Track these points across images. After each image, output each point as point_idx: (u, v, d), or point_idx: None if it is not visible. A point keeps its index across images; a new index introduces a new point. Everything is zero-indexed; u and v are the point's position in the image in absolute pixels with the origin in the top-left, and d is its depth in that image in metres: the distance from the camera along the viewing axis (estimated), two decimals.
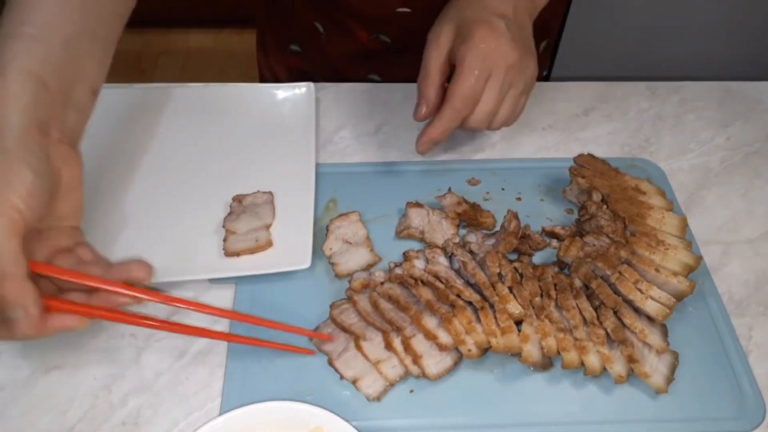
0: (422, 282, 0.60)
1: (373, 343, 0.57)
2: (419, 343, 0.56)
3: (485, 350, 0.57)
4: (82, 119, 0.52)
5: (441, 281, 0.60)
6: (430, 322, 0.57)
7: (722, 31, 1.76)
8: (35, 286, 0.44)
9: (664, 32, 1.77)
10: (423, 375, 0.56)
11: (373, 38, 0.85)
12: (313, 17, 0.87)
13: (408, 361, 0.56)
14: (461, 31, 0.61)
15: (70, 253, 0.49)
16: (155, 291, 0.51)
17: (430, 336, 0.56)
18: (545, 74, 1.04)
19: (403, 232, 0.66)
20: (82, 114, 0.52)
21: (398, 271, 0.61)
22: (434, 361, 0.56)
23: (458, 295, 0.58)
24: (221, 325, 0.60)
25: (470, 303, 0.58)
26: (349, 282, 0.62)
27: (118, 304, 0.48)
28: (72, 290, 0.48)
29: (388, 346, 0.57)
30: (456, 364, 0.57)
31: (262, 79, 1.02)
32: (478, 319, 0.57)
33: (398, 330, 0.57)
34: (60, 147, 0.48)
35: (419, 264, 0.62)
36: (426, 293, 0.59)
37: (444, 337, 0.56)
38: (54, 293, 0.48)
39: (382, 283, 0.60)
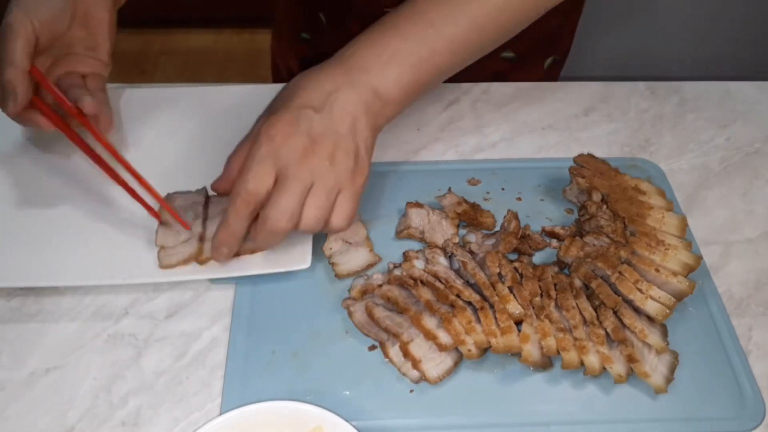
0: (422, 282, 0.60)
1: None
2: (418, 347, 0.56)
3: (485, 350, 0.57)
4: None
5: (441, 281, 0.60)
6: (430, 322, 0.57)
7: (722, 31, 1.77)
8: (30, 82, 0.59)
9: (664, 32, 1.77)
10: (424, 378, 0.56)
11: None
12: (317, 7, 0.87)
13: (406, 367, 0.56)
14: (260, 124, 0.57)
15: (77, 77, 0.65)
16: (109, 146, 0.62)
17: (429, 336, 0.56)
18: None
19: (403, 232, 0.66)
20: None
21: (397, 272, 0.61)
22: (434, 364, 0.56)
23: (458, 295, 0.58)
24: (221, 325, 0.60)
25: (470, 303, 0.58)
26: (349, 291, 0.61)
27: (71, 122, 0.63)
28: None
29: (386, 356, 0.57)
30: (456, 364, 0.57)
31: (274, 68, 1.02)
32: (478, 320, 0.57)
33: (395, 337, 0.57)
34: None
35: (419, 264, 0.62)
36: (426, 293, 0.59)
37: (444, 337, 0.56)
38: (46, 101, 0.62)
39: (380, 286, 0.60)
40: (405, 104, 0.61)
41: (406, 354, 0.56)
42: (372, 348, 0.58)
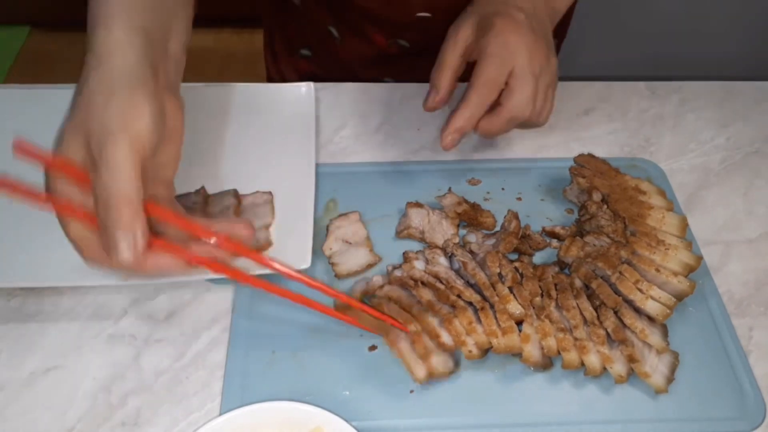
0: (422, 283, 0.60)
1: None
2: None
3: (486, 351, 0.57)
4: (179, 71, 0.53)
5: (441, 282, 0.60)
6: (433, 320, 0.57)
7: (722, 31, 1.77)
8: (141, 221, 0.43)
9: (664, 32, 1.77)
10: (431, 374, 0.56)
11: (391, 43, 0.85)
12: (328, 22, 0.87)
13: (416, 365, 0.56)
14: (481, 24, 0.61)
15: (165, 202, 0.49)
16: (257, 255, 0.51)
17: (432, 334, 0.56)
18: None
19: (403, 232, 0.66)
20: (178, 66, 0.53)
21: (397, 273, 0.61)
22: (442, 359, 0.56)
23: (458, 296, 0.58)
24: (221, 325, 0.60)
25: (470, 303, 0.58)
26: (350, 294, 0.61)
27: (215, 257, 0.48)
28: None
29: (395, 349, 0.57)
30: (457, 364, 0.57)
31: (269, 78, 1.02)
32: (479, 320, 0.57)
33: (415, 319, 0.57)
34: (166, 92, 0.49)
35: (419, 265, 0.61)
36: (426, 294, 0.59)
37: (447, 336, 0.56)
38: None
39: (381, 287, 0.60)
40: (562, 15, 0.70)
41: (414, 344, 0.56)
42: (372, 348, 0.58)
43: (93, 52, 0.46)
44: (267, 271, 0.60)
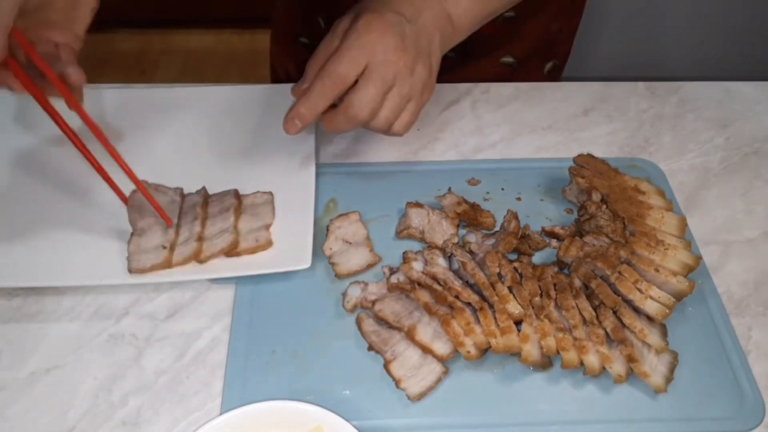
0: (420, 284, 0.60)
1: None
2: (399, 367, 0.56)
3: (485, 351, 0.57)
4: None
5: (439, 283, 0.60)
6: (425, 334, 0.57)
7: (722, 31, 1.77)
8: (8, 41, 0.52)
9: (664, 32, 1.77)
10: (407, 396, 0.55)
11: None
12: (315, 11, 0.87)
13: (405, 384, 0.56)
14: (354, 19, 0.60)
15: (51, 45, 0.59)
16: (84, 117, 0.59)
17: (426, 350, 0.56)
18: None
19: (403, 232, 0.66)
20: None
21: (395, 279, 0.61)
22: (415, 382, 0.56)
23: (457, 297, 0.58)
24: (221, 325, 0.60)
25: (469, 304, 0.58)
26: (344, 305, 0.61)
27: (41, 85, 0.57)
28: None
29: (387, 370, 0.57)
30: (439, 380, 0.56)
31: (273, 71, 1.02)
32: (477, 320, 0.57)
33: (380, 353, 0.57)
34: None
35: (417, 266, 0.61)
36: (424, 296, 0.59)
37: (441, 348, 0.56)
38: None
39: (374, 302, 0.60)
40: (468, 33, 0.65)
41: (389, 373, 0.56)
42: (372, 348, 0.58)
43: None
44: (267, 271, 0.61)
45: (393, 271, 0.62)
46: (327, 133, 0.63)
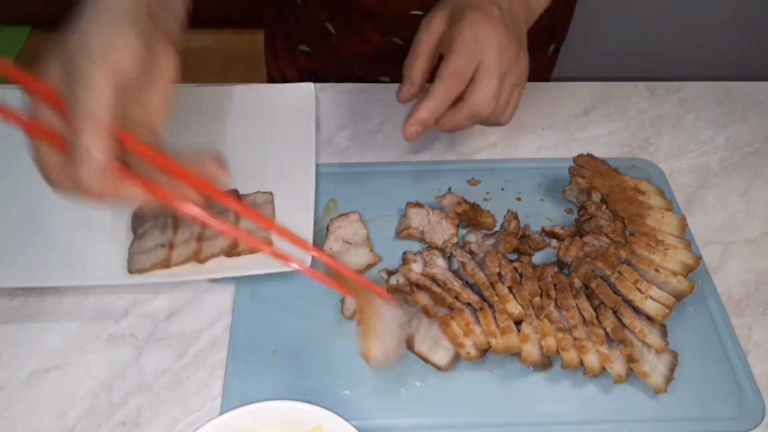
0: (419, 286, 0.60)
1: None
2: (421, 342, 0.57)
3: (485, 351, 0.57)
4: (177, 21, 0.52)
5: (438, 284, 0.60)
6: (423, 345, 0.57)
7: (722, 31, 1.77)
8: (112, 144, 0.42)
9: (664, 32, 1.77)
10: (438, 368, 0.57)
11: (385, 40, 0.85)
12: (325, 17, 0.87)
13: (435, 357, 0.57)
14: (454, 16, 0.60)
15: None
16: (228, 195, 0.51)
17: (425, 360, 0.57)
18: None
19: (403, 232, 0.66)
20: (175, 19, 0.52)
21: (393, 281, 0.61)
22: (442, 352, 0.57)
23: (456, 297, 0.58)
24: (221, 325, 0.60)
25: (469, 304, 0.58)
26: (343, 312, 0.61)
27: (184, 193, 0.47)
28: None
29: (411, 349, 0.57)
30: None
31: (270, 80, 1.02)
32: (477, 321, 0.57)
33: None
34: (161, 35, 0.48)
35: (416, 268, 0.61)
36: (423, 299, 0.59)
37: (440, 359, 0.57)
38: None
39: None
40: (538, 15, 0.68)
41: (412, 351, 0.57)
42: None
43: None
44: (267, 271, 0.61)
45: (391, 273, 0.62)
46: (445, 132, 0.63)
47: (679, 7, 1.71)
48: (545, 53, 0.96)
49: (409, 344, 0.57)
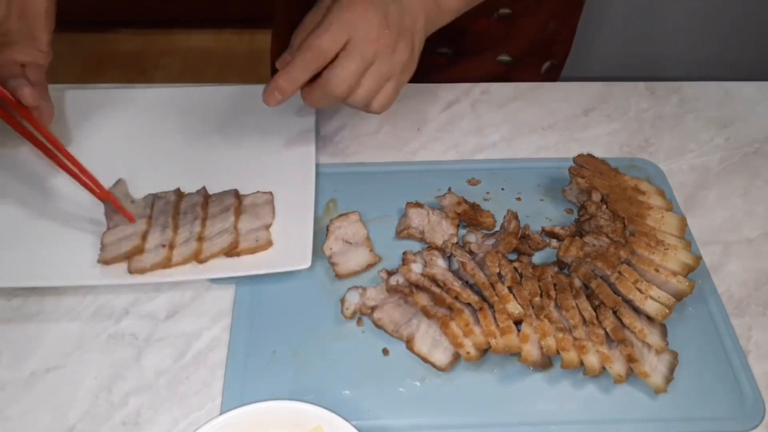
0: (418, 287, 0.60)
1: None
2: (421, 343, 0.58)
3: (484, 351, 0.57)
4: None
5: (438, 284, 0.60)
6: (423, 345, 0.57)
7: (722, 31, 1.77)
8: None
9: (664, 32, 1.77)
10: (438, 368, 0.57)
11: None
12: None
13: (435, 357, 0.57)
14: None
15: (17, 66, 0.62)
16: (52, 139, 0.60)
17: (425, 360, 0.57)
18: None
19: (403, 232, 0.66)
20: None
21: (393, 281, 0.61)
22: (441, 351, 0.57)
23: (456, 297, 0.58)
24: (221, 325, 0.60)
25: (469, 304, 0.58)
26: (343, 312, 0.61)
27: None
28: None
29: (411, 350, 0.58)
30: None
31: (273, 70, 1.02)
32: (477, 321, 0.57)
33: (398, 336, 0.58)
34: None
35: (416, 268, 0.61)
36: (422, 299, 0.59)
37: (439, 360, 0.57)
38: None
39: (372, 309, 0.60)
40: (454, 16, 0.66)
41: (413, 352, 0.57)
42: (386, 352, 0.59)
43: None
44: (267, 271, 0.61)
45: (391, 273, 0.62)
46: (308, 107, 0.64)
47: (679, 8, 1.72)
48: (537, 69, 0.95)
49: (409, 344, 0.57)
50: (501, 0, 0.80)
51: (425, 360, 0.57)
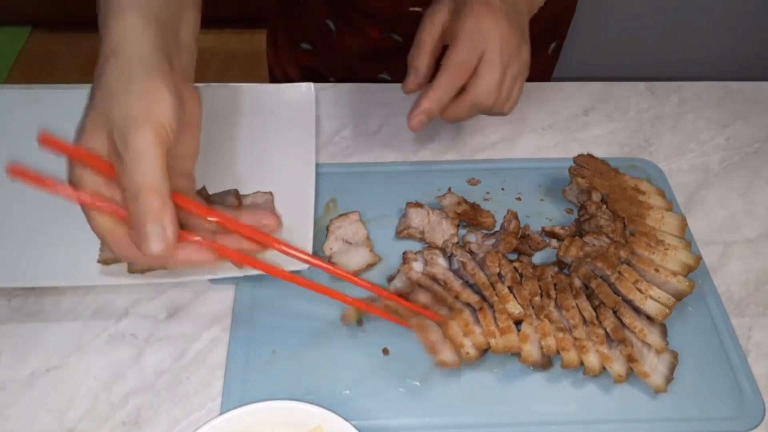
0: (420, 285, 0.60)
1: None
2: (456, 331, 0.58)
3: (484, 352, 0.57)
4: (191, 60, 0.53)
5: (439, 284, 0.60)
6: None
7: (722, 31, 1.77)
8: (175, 213, 0.43)
9: (664, 32, 1.77)
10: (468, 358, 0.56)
11: (385, 37, 0.85)
12: (325, 15, 0.87)
13: (468, 344, 0.57)
14: (457, 8, 0.61)
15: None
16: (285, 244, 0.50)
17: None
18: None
19: (403, 232, 0.66)
20: (191, 55, 0.53)
21: (392, 287, 0.61)
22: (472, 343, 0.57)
23: (456, 297, 0.58)
24: (221, 325, 0.60)
25: (469, 304, 0.58)
26: (342, 320, 0.60)
27: (244, 249, 0.48)
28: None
29: (445, 334, 0.57)
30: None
31: (272, 78, 1.02)
32: (477, 321, 0.57)
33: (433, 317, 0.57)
34: (181, 76, 0.48)
35: (417, 267, 0.61)
36: (423, 298, 0.59)
37: (448, 357, 0.56)
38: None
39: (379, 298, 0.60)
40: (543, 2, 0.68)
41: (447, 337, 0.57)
42: (386, 352, 0.58)
43: (107, 43, 0.45)
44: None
45: (391, 278, 0.62)
46: (449, 122, 0.64)
47: (679, 7, 1.71)
48: (546, 51, 0.96)
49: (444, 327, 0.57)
50: None
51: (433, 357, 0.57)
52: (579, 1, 0.95)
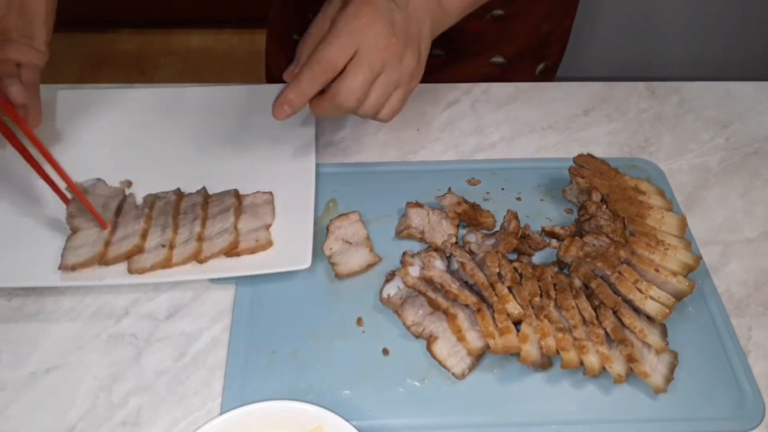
0: (415, 290, 0.60)
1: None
2: (441, 347, 0.58)
3: (479, 357, 0.57)
4: None
5: (435, 287, 0.60)
6: (444, 351, 0.57)
7: (722, 31, 1.77)
8: None
9: (664, 32, 1.77)
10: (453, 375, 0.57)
11: None
12: (307, 9, 0.87)
13: (451, 362, 0.57)
14: (345, 2, 0.59)
15: (12, 65, 0.62)
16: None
17: (442, 365, 0.57)
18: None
19: (403, 232, 0.66)
20: None
21: (385, 294, 0.61)
22: (457, 360, 0.57)
23: (454, 299, 0.58)
24: (221, 325, 0.60)
25: (467, 306, 0.58)
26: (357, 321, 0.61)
27: None
28: None
29: (431, 353, 0.58)
30: (479, 358, 0.57)
31: (268, 71, 1.02)
32: (473, 326, 0.57)
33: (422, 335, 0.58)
34: None
35: (414, 271, 0.61)
36: (411, 316, 0.59)
37: (455, 366, 0.57)
38: None
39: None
40: (458, 18, 0.65)
41: (432, 354, 0.57)
42: (386, 352, 0.59)
43: None
44: (267, 271, 0.61)
45: (388, 279, 0.62)
46: (318, 118, 0.62)
47: (680, 8, 1.72)
48: (531, 72, 0.95)
49: (430, 346, 0.57)
50: (494, 1, 0.80)
51: (442, 365, 0.57)
52: (580, 3, 0.95)
